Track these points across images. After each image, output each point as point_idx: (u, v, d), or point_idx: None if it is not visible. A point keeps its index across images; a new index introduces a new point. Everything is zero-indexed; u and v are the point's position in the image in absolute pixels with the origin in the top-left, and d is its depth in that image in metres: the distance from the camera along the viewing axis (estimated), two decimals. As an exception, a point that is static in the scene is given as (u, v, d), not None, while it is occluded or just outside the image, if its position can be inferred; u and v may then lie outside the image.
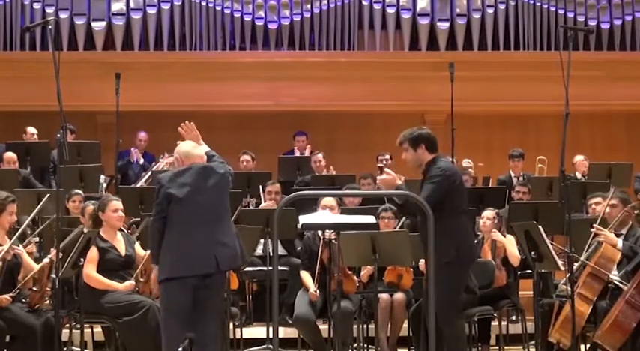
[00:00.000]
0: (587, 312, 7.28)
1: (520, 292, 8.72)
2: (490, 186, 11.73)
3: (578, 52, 12.78)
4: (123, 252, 7.57)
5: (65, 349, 7.83)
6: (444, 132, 10.64)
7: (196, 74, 13.73)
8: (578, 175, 11.71)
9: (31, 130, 12.31)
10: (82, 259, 7.15)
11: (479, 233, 8.68)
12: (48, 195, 7.73)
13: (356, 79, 13.84)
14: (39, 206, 7.62)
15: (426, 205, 5.50)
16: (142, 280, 7.63)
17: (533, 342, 8.07)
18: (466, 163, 12.06)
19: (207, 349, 6.31)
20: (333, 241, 7.47)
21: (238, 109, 13.86)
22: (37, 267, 7.24)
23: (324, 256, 7.91)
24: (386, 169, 6.79)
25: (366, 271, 8.26)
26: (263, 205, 10.05)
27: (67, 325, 7.98)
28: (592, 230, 7.55)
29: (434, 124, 11.83)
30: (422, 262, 7.90)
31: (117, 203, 7.65)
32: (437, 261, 5.66)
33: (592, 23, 14.23)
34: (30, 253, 7.46)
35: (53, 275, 6.74)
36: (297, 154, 12.78)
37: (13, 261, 7.16)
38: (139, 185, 11.42)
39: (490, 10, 14.30)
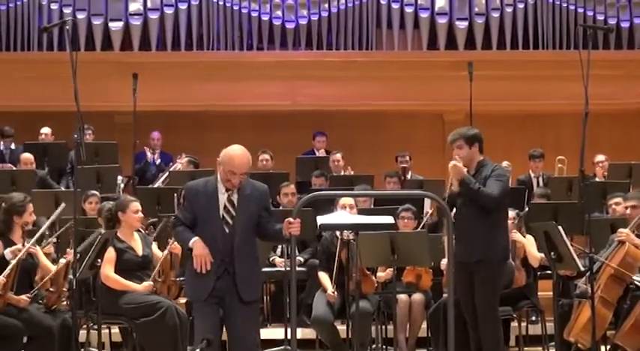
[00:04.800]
0: (609, 317, 7.19)
1: (540, 293, 8.66)
2: (510, 186, 11.60)
3: (597, 51, 12.68)
4: (140, 252, 7.56)
5: (82, 350, 7.83)
6: (463, 132, 10.57)
7: (214, 74, 13.71)
8: (598, 178, 11.56)
9: (44, 130, 12.33)
10: (99, 260, 7.15)
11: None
12: (63, 205, 7.69)
13: (374, 79, 13.80)
14: (56, 212, 7.59)
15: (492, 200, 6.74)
16: (159, 280, 7.62)
17: (553, 343, 8.01)
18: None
19: None
20: (352, 241, 7.42)
21: (256, 109, 13.84)
22: (53, 268, 7.23)
23: (342, 256, 7.86)
24: (456, 157, 6.86)
25: (383, 275, 8.21)
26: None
27: (85, 326, 7.99)
28: (618, 237, 7.40)
29: (452, 124, 11.74)
30: (444, 261, 7.82)
31: (137, 204, 7.67)
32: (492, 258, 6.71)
33: (612, 22, 14.16)
34: (47, 255, 7.45)
35: (70, 276, 6.73)
36: (318, 153, 12.76)
37: (29, 261, 7.16)
38: (156, 185, 11.40)
39: (509, 9, 14.24)
